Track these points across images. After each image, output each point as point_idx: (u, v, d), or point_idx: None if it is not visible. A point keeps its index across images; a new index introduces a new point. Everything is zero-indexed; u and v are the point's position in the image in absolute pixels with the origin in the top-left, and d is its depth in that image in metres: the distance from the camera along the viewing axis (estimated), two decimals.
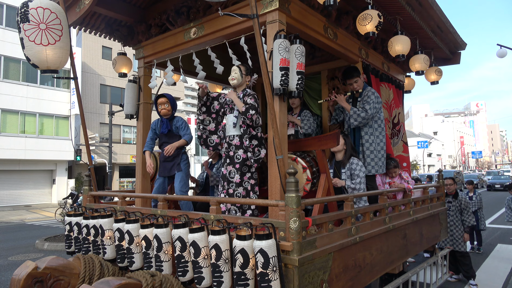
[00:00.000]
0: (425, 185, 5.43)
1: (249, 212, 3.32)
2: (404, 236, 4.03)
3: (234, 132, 3.44)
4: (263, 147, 3.39)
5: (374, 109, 3.96)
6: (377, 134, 4.11)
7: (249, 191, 3.34)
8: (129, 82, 4.42)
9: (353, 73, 4.09)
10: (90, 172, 4.22)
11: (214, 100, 3.75)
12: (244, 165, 3.35)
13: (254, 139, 3.37)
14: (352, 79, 4.09)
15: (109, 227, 3.24)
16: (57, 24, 3.22)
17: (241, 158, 3.34)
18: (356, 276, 3.03)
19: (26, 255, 8.50)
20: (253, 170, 3.40)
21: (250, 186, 3.36)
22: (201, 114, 3.76)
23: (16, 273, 2.70)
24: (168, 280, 2.63)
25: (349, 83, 4.15)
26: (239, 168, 3.34)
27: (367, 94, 4.06)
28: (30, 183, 21.65)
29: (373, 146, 4.06)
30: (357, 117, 3.96)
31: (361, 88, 4.13)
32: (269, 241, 2.23)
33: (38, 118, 21.17)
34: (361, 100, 4.10)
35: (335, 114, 4.44)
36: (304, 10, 3.32)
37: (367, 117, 3.96)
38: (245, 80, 3.50)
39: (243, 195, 3.33)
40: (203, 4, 3.66)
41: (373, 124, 4.11)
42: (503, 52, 11.70)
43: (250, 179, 3.37)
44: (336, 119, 4.43)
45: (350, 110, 4.01)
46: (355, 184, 3.63)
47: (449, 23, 4.64)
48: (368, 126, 4.09)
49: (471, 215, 5.87)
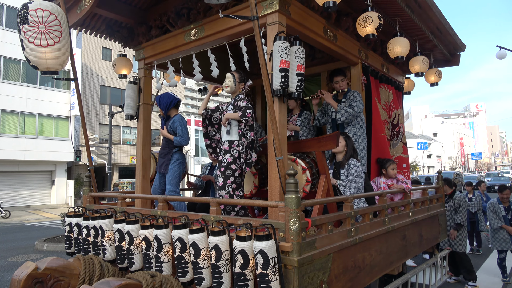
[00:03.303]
0: (424, 187, 5.44)
1: (233, 214, 3.36)
2: (403, 237, 4.03)
3: (226, 138, 3.50)
4: (254, 151, 3.42)
5: (359, 108, 4.07)
6: (359, 134, 4.20)
7: (232, 195, 3.35)
8: (129, 83, 4.43)
9: (340, 72, 4.27)
10: (90, 173, 4.23)
11: (213, 112, 3.82)
12: (228, 169, 3.37)
13: (253, 142, 3.42)
14: (339, 76, 4.24)
15: (109, 228, 3.24)
16: (57, 26, 3.22)
17: (226, 162, 3.37)
18: (355, 277, 3.04)
19: (25, 256, 8.50)
20: (237, 175, 3.38)
21: (232, 190, 3.35)
22: (206, 126, 3.84)
23: (16, 274, 2.70)
24: (168, 280, 2.63)
25: (335, 81, 4.27)
26: (223, 172, 3.38)
27: (353, 94, 4.18)
28: (29, 184, 21.63)
29: (356, 145, 4.12)
30: (345, 112, 4.06)
31: (346, 88, 4.25)
32: (269, 242, 2.23)
33: (37, 119, 21.16)
34: (346, 100, 4.19)
35: (318, 115, 4.46)
36: (304, 12, 3.34)
37: (354, 114, 4.06)
38: (238, 88, 3.56)
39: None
40: (203, 5, 3.67)
41: (356, 124, 4.19)
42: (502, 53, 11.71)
43: (232, 183, 3.36)
44: (319, 120, 4.46)
45: (337, 106, 4.12)
46: (346, 182, 3.63)
47: (448, 25, 4.65)
48: (351, 126, 4.17)
49: (462, 213, 5.78)
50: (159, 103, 4.19)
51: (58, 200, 22.49)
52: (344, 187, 3.63)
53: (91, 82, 23.83)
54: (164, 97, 4.22)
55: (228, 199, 3.26)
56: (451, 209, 5.91)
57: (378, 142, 4.50)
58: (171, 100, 4.22)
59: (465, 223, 5.82)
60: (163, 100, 4.19)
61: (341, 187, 3.65)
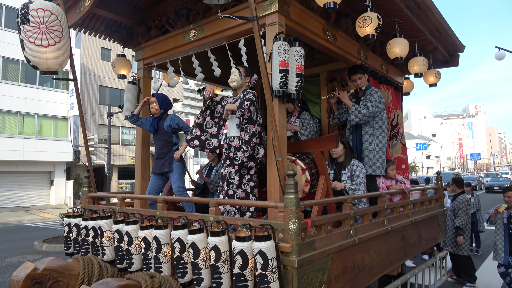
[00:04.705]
0: (423, 187, 5.45)
1: (248, 214, 3.32)
2: (402, 237, 4.04)
3: (235, 133, 3.39)
4: (262, 147, 3.36)
5: (376, 108, 3.95)
6: (377, 135, 4.10)
7: (248, 193, 3.34)
8: (129, 84, 4.43)
9: (358, 69, 4.13)
10: (89, 173, 4.22)
11: (218, 104, 3.70)
12: (243, 167, 3.35)
13: (254, 136, 3.28)
14: (356, 75, 4.11)
15: (108, 229, 3.24)
16: (57, 26, 3.22)
17: (240, 160, 3.33)
18: (355, 278, 3.04)
19: (24, 256, 8.48)
20: (253, 172, 3.38)
21: (249, 188, 3.35)
22: (205, 117, 3.68)
23: (15, 274, 2.70)
24: (167, 281, 2.63)
25: (353, 79, 4.17)
26: (238, 170, 3.33)
27: (370, 92, 4.08)
28: (28, 184, 21.58)
29: (372, 146, 4.06)
30: (358, 113, 3.96)
31: (364, 86, 4.14)
32: (268, 242, 2.23)
33: (36, 119, 21.12)
34: (364, 98, 4.11)
35: (337, 113, 4.41)
36: (304, 12, 3.34)
37: (368, 114, 3.95)
38: (245, 82, 3.47)
39: (242, 197, 3.33)
40: (202, 6, 3.67)
41: (374, 124, 4.10)
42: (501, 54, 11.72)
43: (249, 181, 3.36)
44: (339, 118, 4.40)
45: (352, 106, 4.02)
46: (355, 185, 3.63)
47: (448, 26, 4.66)
48: (369, 126, 4.09)
49: (461, 216, 5.75)
50: (161, 103, 4.14)
51: (57, 201, 22.44)
52: (353, 190, 3.61)
53: (90, 83, 23.80)
54: (166, 98, 4.24)
55: (227, 199, 3.26)
56: (450, 212, 5.90)
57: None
58: (169, 102, 4.29)
59: (465, 226, 5.78)
60: (166, 101, 4.20)
61: (350, 191, 3.63)
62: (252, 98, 3.25)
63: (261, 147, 3.34)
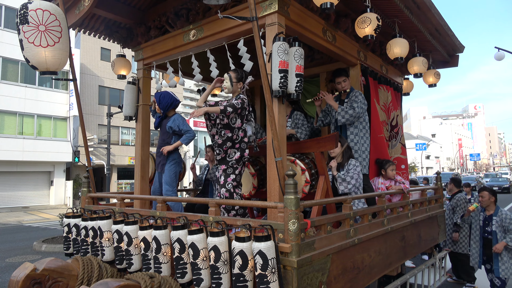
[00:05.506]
0: (423, 187, 5.45)
1: (233, 212, 3.35)
2: (402, 238, 4.04)
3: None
4: (239, 151, 3.38)
5: (360, 109, 4.05)
6: (361, 135, 4.18)
7: (232, 193, 3.36)
8: (128, 84, 4.43)
9: (342, 72, 4.22)
10: (89, 173, 4.22)
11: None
12: (230, 167, 3.38)
13: (228, 141, 3.35)
14: (341, 77, 4.19)
15: (108, 229, 3.23)
16: (57, 26, 3.22)
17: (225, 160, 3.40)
18: (354, 278, 3.03)
19: (23, 256, 8.47)
20: (237, 172, 3.40)
21: (232, 187, 3.36)
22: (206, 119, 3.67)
23: (15, 275, 2.69)
24: (167, 281, 2.63)
25: (337, 82, 4.23)
26: (224, 170, 3.39)
27: (355, 94, 4.16)
28: (27, 184, 21.56)
29: (358, 146, 4.12)
30: (345, 114, 4.04)
31: (348, 88, 4.22)
32: (268, 242, 2.23)
33: (36, 119, 21.11)
34: (348, 100, 4.18)
35: (321, 116, 4.46)
36: (303, 12, 3.34)
37: (354, 115, 4.03)
38: (236, 87, 3.48)
39: (226, 196, 3.36)
40: (202, 6, 3.67)
41: (359, 125, 4.18)
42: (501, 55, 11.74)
43: (233, 181, 3.38)
44: (322, 121, 4.46)
45: (337, 108, 4.10)
46: (345, 176, 3.61)
47: (447, 26, 4.66)
48: (353, 127, 4.16)
49: (459, 213, 5.74)
50: (159, 102, 4.12)
51: (57, 201, 22.43)
52: (342, 180, 3.60)
53: (89, 83, 23.79)
54: (165, 96, 4.16)
55: (227, 199, 3.26)
56: (448, 211, 5.91)
57: (376, 143, 4.50)
58: (172, 101, 4.18)
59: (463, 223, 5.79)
60: (164, 100, 4.13)
61: (339, 179, 3.62)
62: (237, 105, 3.28)
63: (238, 151, 3.38)
